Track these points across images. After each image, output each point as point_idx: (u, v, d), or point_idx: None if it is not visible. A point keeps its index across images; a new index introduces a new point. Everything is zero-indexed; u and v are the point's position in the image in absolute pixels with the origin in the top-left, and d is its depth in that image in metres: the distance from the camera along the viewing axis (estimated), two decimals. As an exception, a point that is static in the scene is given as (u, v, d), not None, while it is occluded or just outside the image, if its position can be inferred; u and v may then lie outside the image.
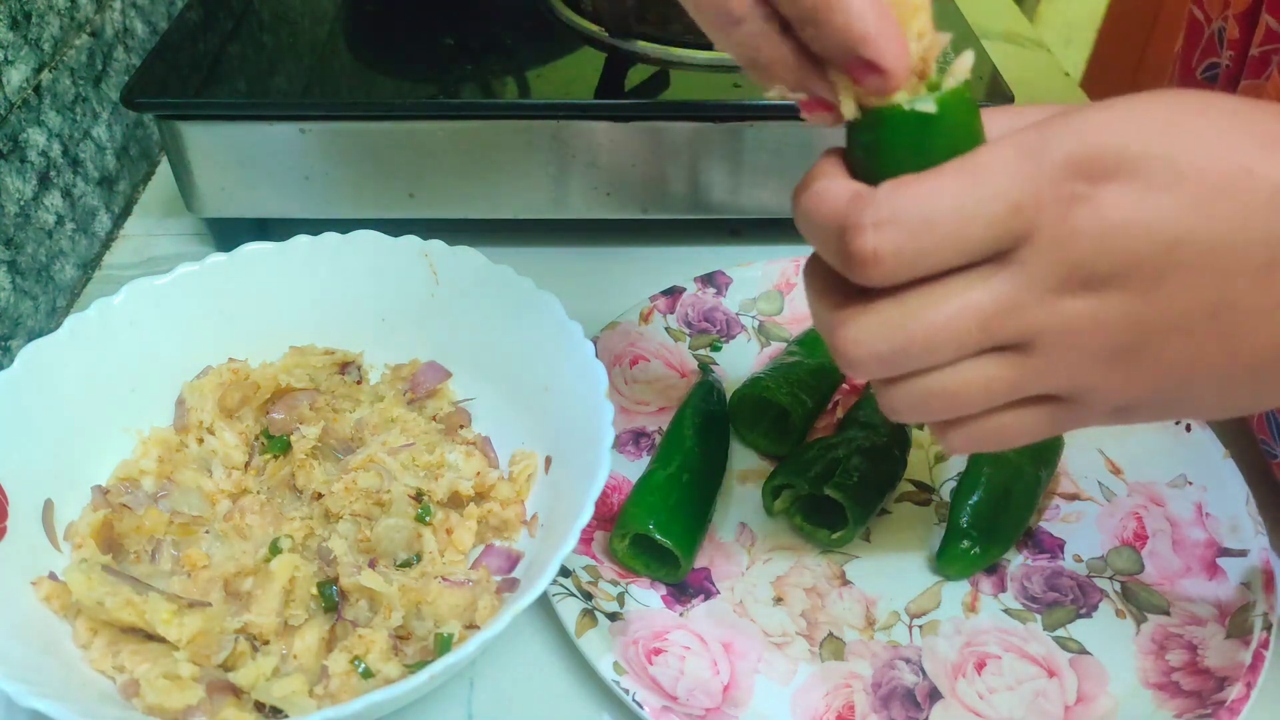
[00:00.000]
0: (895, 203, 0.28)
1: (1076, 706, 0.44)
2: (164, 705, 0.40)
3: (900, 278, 0.29)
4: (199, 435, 0.51)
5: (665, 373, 0.58)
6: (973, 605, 0.48)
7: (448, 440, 0.51)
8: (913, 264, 0.28)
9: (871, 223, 0.28)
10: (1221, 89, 0.62)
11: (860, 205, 0.29)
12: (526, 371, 0.52)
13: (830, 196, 0.30)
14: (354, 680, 0.42)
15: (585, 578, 0.47)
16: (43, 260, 0.61)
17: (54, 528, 0.46)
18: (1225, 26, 0.60)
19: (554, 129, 0.60)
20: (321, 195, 0.63)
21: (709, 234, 0.70)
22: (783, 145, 0.62)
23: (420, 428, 0.51)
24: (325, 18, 0.69)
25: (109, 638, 0.42)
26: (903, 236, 0.28)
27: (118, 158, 0.70)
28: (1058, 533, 0.51)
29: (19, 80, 0.58)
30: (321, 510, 0.48)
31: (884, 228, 0.28)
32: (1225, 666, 0.43)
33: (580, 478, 0.44)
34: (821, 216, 0.30)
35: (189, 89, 0.60)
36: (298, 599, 0.44)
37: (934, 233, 0.28)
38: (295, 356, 0.54)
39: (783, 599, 0.48)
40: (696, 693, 0.44)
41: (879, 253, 0.28)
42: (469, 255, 0.53)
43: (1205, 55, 0.64)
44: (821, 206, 0.30)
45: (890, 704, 0.44)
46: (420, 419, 0.52)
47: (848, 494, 0.48)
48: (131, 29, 0.72)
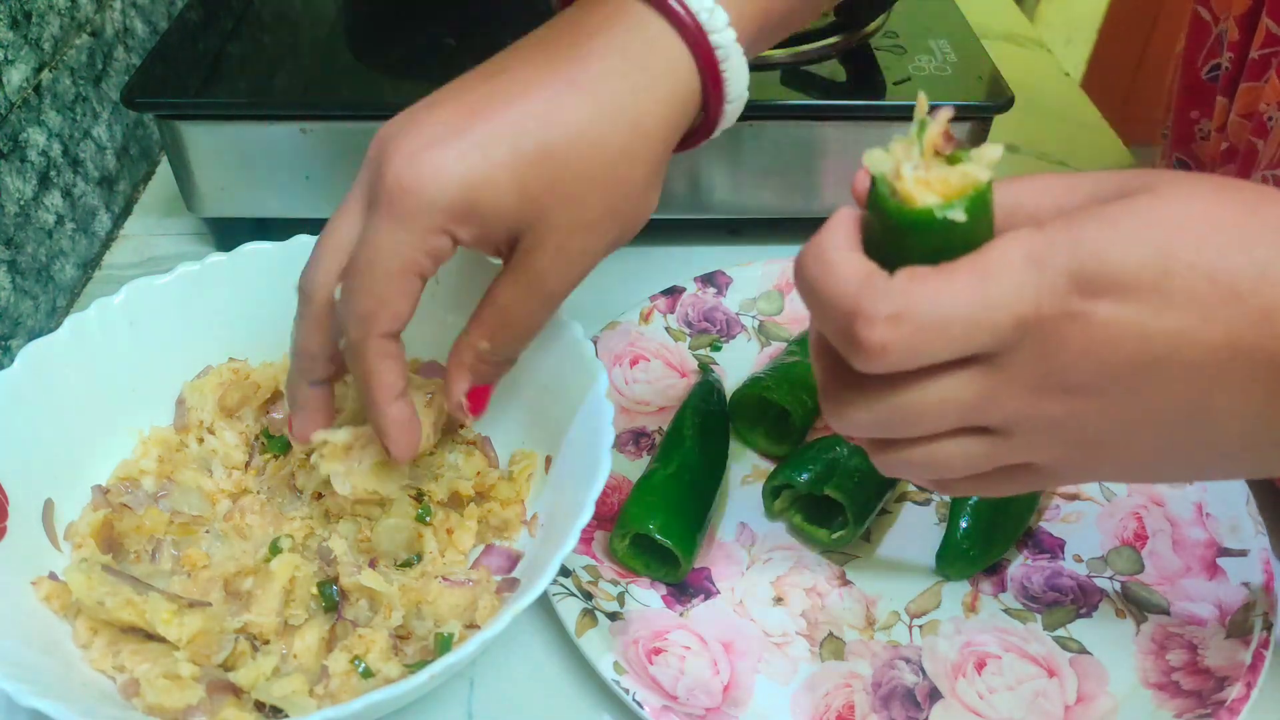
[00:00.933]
0: (910, 299, 0.28)
1: (1076, 706, 0.44)
2: (164, 705, 0.40)
3: (897, 369, 0.30)
4: (199, 435, 0.51)
5: (665, 373, 0.58)
6: (973, 605, 0.48)
7: (448, 440, 0.51)
8: (914, 360, 0.29)
9: (885, 316, 0.28)
10: (1222, 91, 0.62)
11: (874, 295, 0.29)
12: (526, 371, 0.51)
13: (843, 275, 0.29)
14: (354, 680, 0.42)
15: (585, 577, 0.47)
16: (43, 260, 0.61)
17: (54, 527, 0.46)
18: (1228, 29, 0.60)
19: (554, 129, 0.60)
20: (321, 195, 0.63)
21: (709, 234, 0.70)
22: (783, 145, 0.62)
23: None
24: (325, 18, 0.68)
25: (109, 637, 0.42)
26: (914, 335, 0.28)
27: (118, 157, 0.70)
28: (1058, 533, 0.51)
29: (19, 80, 0.58)
30: (322, 510, 0.48)
31: (898, 324, 0.28)
32: (1225, 666, 0.43)
33: (580, 478, 0.44)
34: (831, 296, 0.30)
35: (189, 89, 0.60)
36: (298, 599, 0.44)
37: (944, 335, 0.29)
38: (295, 356, 0.54)
39: (783, 599, 0.48)
40: (697, 692, 0.44)
41: (888, 347, 0.28)
42: (469, 255, 0.53)
43: (1210, 56, 0.64)
44: (833, 286, 0.29)
45: (890, 704, 0.44)
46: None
47: (848, 494, 0.48)
48: (131, 29, 0.72)
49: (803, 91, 0.62)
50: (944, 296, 0.28)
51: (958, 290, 0.28)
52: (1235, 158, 0.61)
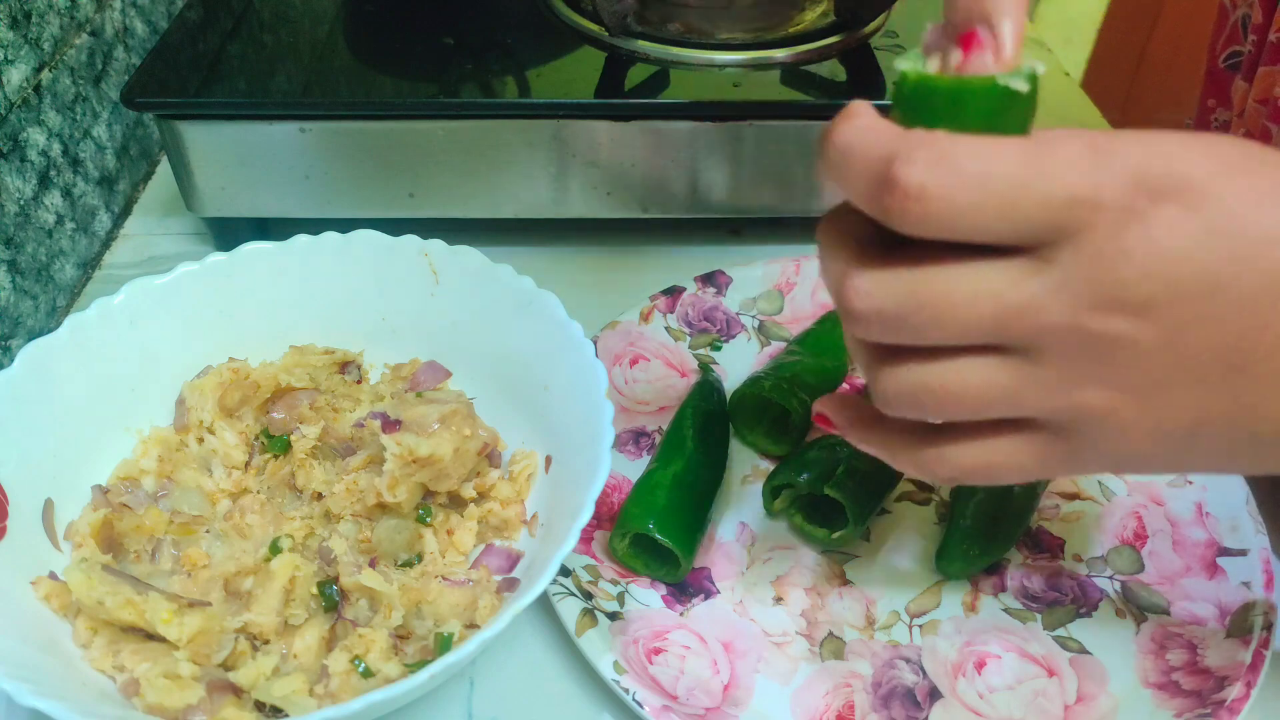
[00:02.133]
0: (957, 148, 0.27)
1: (1076, 706, 0.44)
2: (164, 704, 0.40)
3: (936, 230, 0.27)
4: (199, 435, 0.51)
5: (665, 372, 0.58)
6: (973, 605, 0.48)
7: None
8: (956, 217, 0.27)
9: (926, 158, 0.26)
10: (1244, 76, 0.61)
11: (915, 141, 0.27)
12: (526, 371, 0.51)
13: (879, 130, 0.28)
14: (354, 679, 0.42)
15: (585, 577, 0.47)
16: (43, 260, 0.61)
17: (54, 527, 0.46)
18: (1250, 13, 0.59)
19: (554, 129, 0.60)
20: (321, 195, 0.63)
21: (709, 234, 0.70)
22: (783, 145, 0.62)
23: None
24: (325, 18, 0.68)
25: (109, 637, 0.42)
26: (956, 181, 0.26)
27: (118, 157, 0.70)
28: (1058, 532, 0.51)
29: (19, 80, 0.58)
30: (322, 510, 0.48)
31: (939, 166, 0.26)
32: (1225, 666, 0.43)
33: (580, 477, 0.44)
34: (865, 146, 0.28)
35: (189, 89, 0.60)
36: (298, 598, 0.44)
37: (986, 189, 0.26)
38: (295, 356, 0.54)
39: (783, 599, 0.48)
40: (697, 692, 0.44)
41: (926, 188, 0.26)
42: (469, 255, 0.53)
43: (1229, 43, 0.64)
44: (868, 137, 0.28)
45: (890, 703, 0.44)
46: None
47: (848, 494, 0.48)
48: (131, 28, 0.72)
49: (803, 91, 0.62)
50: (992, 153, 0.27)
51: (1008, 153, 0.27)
52: None
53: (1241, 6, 0.62)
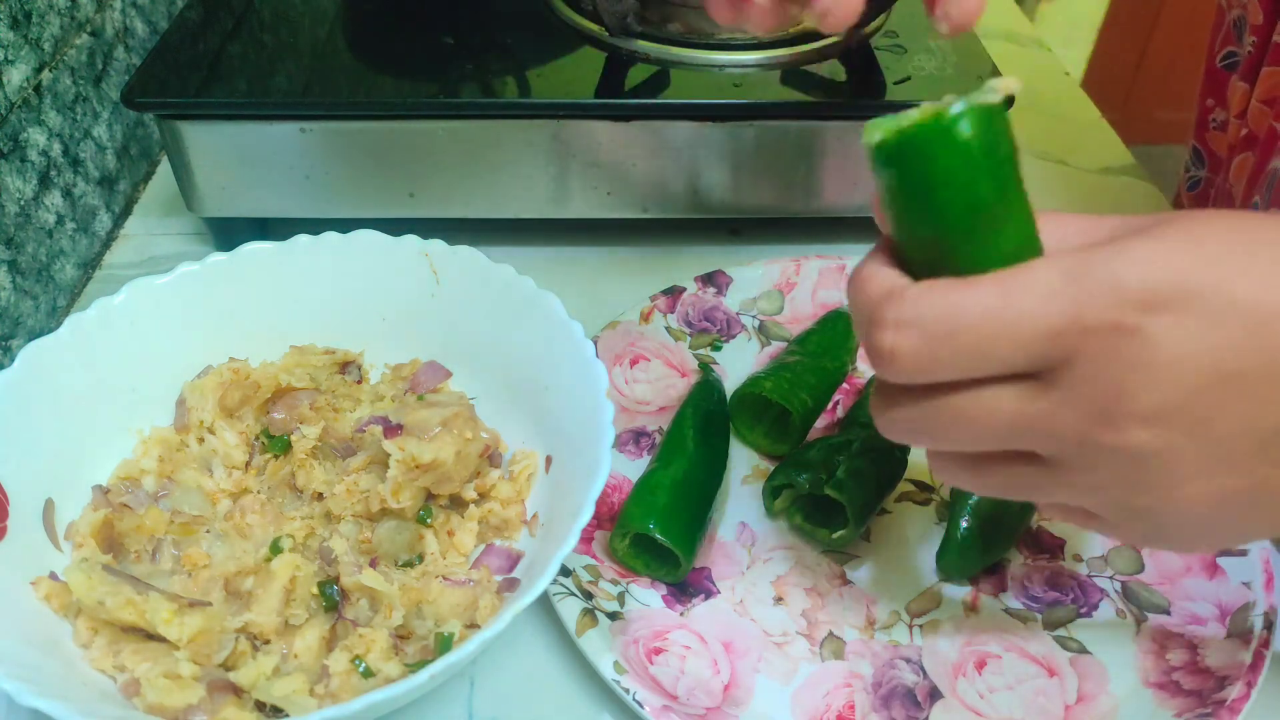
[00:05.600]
0: (920, 306, 0.28)
1: (1077, 706, 0.44)
2: (164, 704, 0.40)
3: (917, 380, 0.29)
4: (199, 435, 0.51)
5: (665, 372, 0.58)
6: (973, 605, 0.48)
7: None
8: (930, 369, 0.29)
9: (893, 321, 0.29)
10: (1243, 76, 0.61)
11: (888, 302, 0.29)
12: (526, 371, 0.51)
13: (869, 286, 0.30)
14: (354, 679, 0.42)
15: (586, 577, 0.47)
16: (43, 260, 0.61)
17: (54, 527, 0.46)
18: (1244, 15, 0.59)
19: (554, 129, 0.60)
20: (321, 195, 0.63)
21: (709, 234, 0.70)
22: (783, 145, 0.62)
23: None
24: (325, 18, 0.68)
25: (109, 637, 0.42)
26: (920, 341, 0.28)
27: (118, 157, 0.70)
28: (1058, 532, 0.51)
29: (19, 80, 0.58)
30: (323, 510, 0.48)
31: (904, 329, 0.28)
32: (1225, 666, 0.43)
33: (580, 477, 0.44)
34: (856, 305, 0.31)
35: (189, 89, 0.60)
36: (298, 598, 0.44)
37: (953, 343, 0.28)
38: (295, 356, 0.54)
39: (783, 599, 0.48)
40: (697, 692, 0.44)
41: (895, 352, 0.29)
42: (469, 255, 0.53)
43: (1224, 44, 0.64)
44: (858, 295, 0.31)
45: (891, 703, 0.44)
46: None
47: (848, 494, 0.48)
48: (131, 29, 0.72)
49: (803, 91, 0.62)
50: (956, 305, 0.28)
51: (974, 300, 0.28)
52: (1254, 144, 0.60)
53: (1236, 8, 0.62)
